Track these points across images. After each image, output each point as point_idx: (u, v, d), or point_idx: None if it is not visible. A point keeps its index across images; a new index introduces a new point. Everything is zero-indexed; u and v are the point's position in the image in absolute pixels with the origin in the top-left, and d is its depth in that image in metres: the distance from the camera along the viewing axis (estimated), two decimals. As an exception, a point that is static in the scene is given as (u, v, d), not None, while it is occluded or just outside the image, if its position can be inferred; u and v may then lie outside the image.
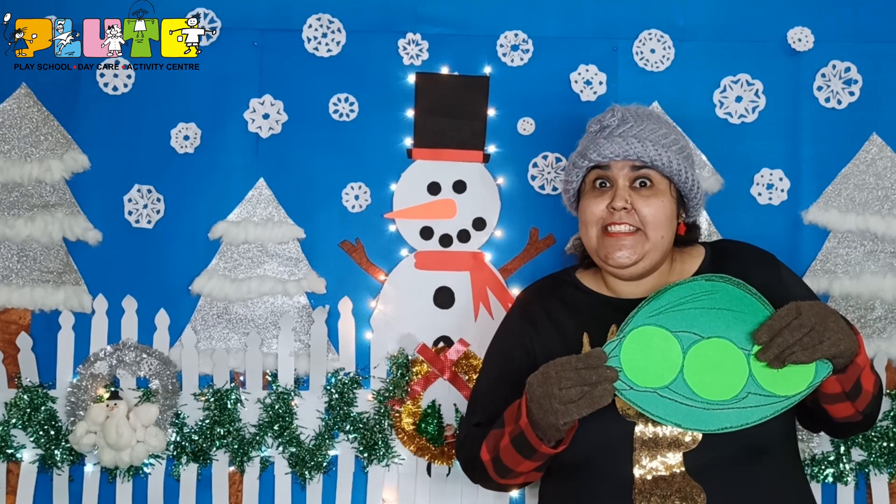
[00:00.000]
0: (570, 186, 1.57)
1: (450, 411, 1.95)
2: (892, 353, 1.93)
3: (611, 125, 1.51)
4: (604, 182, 1.51)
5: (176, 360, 1.95)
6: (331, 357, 1.96)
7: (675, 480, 1.37)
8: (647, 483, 1.37)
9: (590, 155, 1.50)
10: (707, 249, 1.57)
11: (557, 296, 1.58)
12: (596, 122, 1.55)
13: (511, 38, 2.00)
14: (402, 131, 2.00)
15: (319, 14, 2.00)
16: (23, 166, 1.98)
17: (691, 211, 1.57)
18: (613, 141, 1.48)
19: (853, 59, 1.98)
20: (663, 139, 1.50)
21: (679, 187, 1.52)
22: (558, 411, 1.28)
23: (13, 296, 1.97)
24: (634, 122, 1.51)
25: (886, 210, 1.96)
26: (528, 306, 1.59)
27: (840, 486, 1.91)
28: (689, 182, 1.51)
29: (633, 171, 1.48)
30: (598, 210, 1.48)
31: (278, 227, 1.97)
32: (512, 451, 1.39)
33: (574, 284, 1.59)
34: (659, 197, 1.48)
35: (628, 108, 1.56)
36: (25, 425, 1.93)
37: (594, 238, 1.49)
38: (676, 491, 1.36)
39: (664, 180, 1.50)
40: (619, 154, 1.47)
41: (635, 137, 1.48)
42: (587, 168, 1.52)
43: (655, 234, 1.46)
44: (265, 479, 1.94)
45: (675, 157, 1.49)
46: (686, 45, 2.00)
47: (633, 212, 1.46)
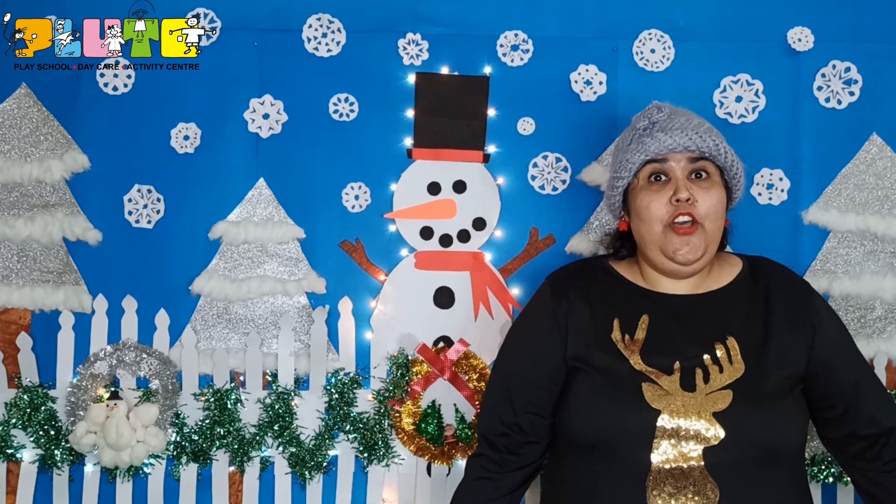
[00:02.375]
0: (620, 183, 1.55)
1: (450, 411, 1.95)
2: (892, 353, 1.93)
3: (660, 119, 1.52)
4: (659, 176, 1.50)
5: (176, 360, 1.95)
6: (331, 357, 1.96)
7: (692, 474, 1.37)
8: (663, 472, 1.37)
9: (648, 148, 1.49)
10: (745, 262, 1.58)
11: (591, 278, 1.58)
12: (643, 118, 1.55)
13: (511, 38, 2.00)
14: (402, 131, 2.00)
15: (319, 14, 2.00)
16: (23, 166, 1.98)
17: (732, 203, 1.59)
18: (672, 133, 1.48)
19: (853, 59, 1.98)
20: (712, 131, 1.52)
21: (728, 179, 1.54)
22: None
23: (13, 296, 1.97)
24: (685, 116, 1.52)
25: (886, 210, 1.96)
26: (562, 284, 1.58)
27: (840, 486, 1.91)
28: (739, 173, 1.54)
29: (690, 162, 1.49)
30: (661, 204, 1.48)
31: (278, 227, 1.97)
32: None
33: (608, 272, 1.59)
34: (716, 188, 1.50)
35: (671, 106, 1.56)
36: (25, 425, 1.93)
37: (658, 234, 1.48)
38: (691, 484, 1.37)
39: (717, 171, 1.51)
40: (680, 146, 1.48)
41: (693, 130, 1.49)
42: (643, 162, 1.51)
43: (713, 225, 1.48)
44: (265, 479, 1.94)
45: (727, 147, 1.51)
46: (686, 45, 2.00)
47: (697, 204, 1.46)
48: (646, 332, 1.47)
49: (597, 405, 1.43)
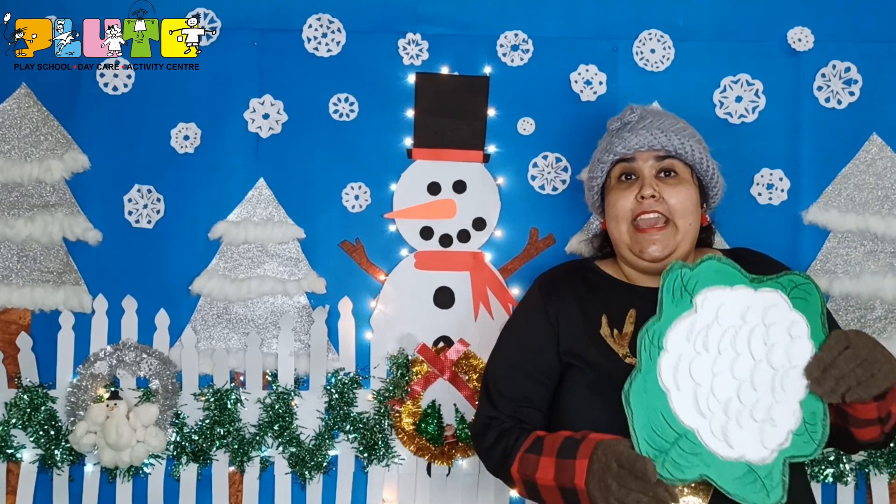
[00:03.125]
0: (595, 183, 1.62)
1: (450, 411, 1.95)
2: (892, 353, 1.92)
3: (632, 121, 1.58)
4: (629, 175, 1.56)
5: (176, 360, 1.95)
6: (331, 357, 1.96)
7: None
8: None
9: (615, 148, 1.55)
10: (727, 255, 1.59)
11: (580, 277, 1.62)
12: (616, 121, 1.61)
13: (511, 38, 2.00)
14: (402, 131, 2.00)
15: (319, 14, 2.00)
16: (23, 166, 1.98)
17: (711, 201, 1.63)
18: (638, 133, 1.54)
19: (853, 59, 1.98)
20: (683, 130, 1.56)
21: (700, 176, 1.57)
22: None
23: (13, 296, 1.97)
24: (654, 117, 1.57)
25: (886, 210, 1.96)
26: (550, 283, 1.62)
27: (840, 486, 1.91)
28: (710, 171, 1.57)
29: (657, 161, 1.54)
30: (626, 203, 1.53)
31: (278, 227, 1.97)
32: (556, 494, 1.38)
33: (594, 270, 1.64)
34: (684, 185, 1.53)
35: (645, 107, 1.62)
36: (25, 425, 1.93)
37: (625, 233, 1.54)
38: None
39: (687, 169, 1.55)
40: (645, 145, 1.53)
41: (658, 129, 1.54)
42: (612, 162, 1.57)
43: (684, 222, 1.51)
44: (265, 479, 1.94)
45: (696, 146, 1.55)
46: (686, 45, 2.00)
47: (662, 201, 1.50)
48: (634, 325, 1.49)
49: (589, 401, 1.45)
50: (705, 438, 1.32)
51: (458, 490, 1.93)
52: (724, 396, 1.34)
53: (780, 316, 1.37)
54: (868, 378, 1.28)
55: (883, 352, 1.32)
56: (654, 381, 1.35)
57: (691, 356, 1.35)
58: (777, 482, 1.32)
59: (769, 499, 1.31)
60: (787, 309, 1.38)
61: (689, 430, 1.33)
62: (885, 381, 1.29)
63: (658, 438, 1.32)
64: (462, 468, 1.93)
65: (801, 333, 1.36)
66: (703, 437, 1.32)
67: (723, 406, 1.33)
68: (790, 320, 1.37)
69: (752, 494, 1.31)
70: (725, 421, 1.33)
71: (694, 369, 1.34)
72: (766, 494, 1.31)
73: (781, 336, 1.36)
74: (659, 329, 1.36)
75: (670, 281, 1.38)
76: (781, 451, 1.33)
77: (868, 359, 1.29)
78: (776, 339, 1.36)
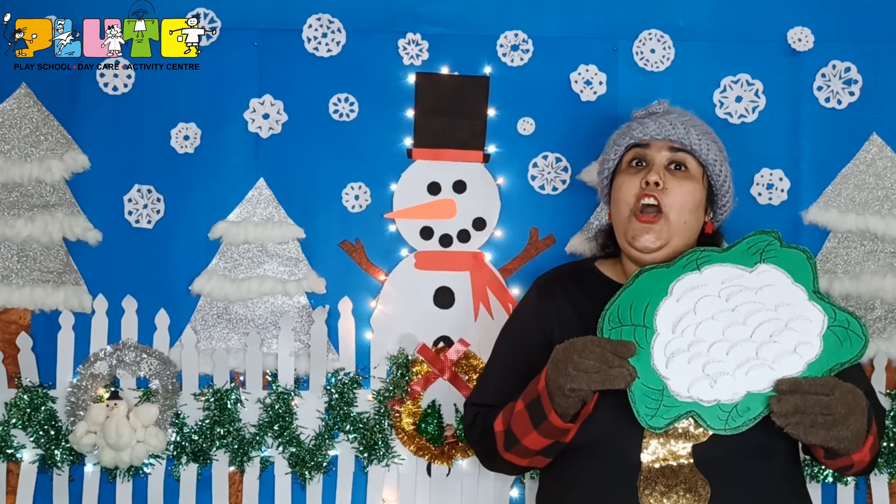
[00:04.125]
0: (607, 167, 1.62)
1: (450, 411, 1.95)
2: (892, 353, 1.93)
3: (658, 111, 1.59)
4: (640, 161, 1.56)
5: (176, 360, 1.95)
6: (331, 357, 1.96)
7: (682, 471, 1.38)
8: (654, 471, 1.39)
9: (633, 132, 1.56)
10: None
11: (577, 280, 1.62)
12: (642, 110, 1.62)
13: (511, 38, 2.00)
14: (402, 131, 2.00)
15: (319, 14, 2.00)
16: (23, 166, 1.98)
17: (719, 211, 1.62)
18: (657, 121, 1.54)
19: (853, 59, 1.97)
20: (704, 131, 1.57)
21: (712, 180, 1.57)
22: (570, 375, 1.31)
23: (13, 296, 1.97)
24: (679, 114, 1.58)
25: (886, 210, 1.96)
26: (547, 287, 1.63)
27: (840, 486, 1.91)
28: (722, 175, 1.57)
29: (671, 152, 1.54)
30: (631, 187, 1.53)
31: (278, 227, 1.97)
32: (525, 416, 1.41)
33: (594, 273, 1.64)
34: (691, 182, 1.53)
35: (671, 106, 1.63)
36: (25, 425, 1.93)
37: (624, 218, 1.53)
38: (682, 482, 1.37)
39: (699, 169, 1.55)
40: (661, 134, 1.53)
41: (680, 123, 1.54)
42: (627, 146, 1.57)
43: (678, 217, 1.50)
44: (265, 479, 1.94)
45: (712, 146, 1.55)
46: (686, 45, 2.00)
47: (665, 191, 1.50)
48: None
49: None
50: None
51: (458, 490, 1.93)
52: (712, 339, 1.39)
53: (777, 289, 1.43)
54: (820, 427, 1.29)
55: (857, 420, 1.31)
56: (648, 356, 1.39)
57: (683, 313, 1.40)
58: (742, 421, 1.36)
59: (726, 426, 1.36)
60: (788, 284, 1.43)
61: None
62: (830, 440, 1.29)
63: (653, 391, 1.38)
64: (462, 468, 1.94)
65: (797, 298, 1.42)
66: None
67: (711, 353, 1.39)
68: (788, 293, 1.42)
69: (717, 421, 1.37)
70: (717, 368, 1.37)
71: (688, 328, 1.40)
72: (724, 423, 1.36)
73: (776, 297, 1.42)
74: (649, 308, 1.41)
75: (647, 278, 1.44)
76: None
77: (836, 415, 1.29)
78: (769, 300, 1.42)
